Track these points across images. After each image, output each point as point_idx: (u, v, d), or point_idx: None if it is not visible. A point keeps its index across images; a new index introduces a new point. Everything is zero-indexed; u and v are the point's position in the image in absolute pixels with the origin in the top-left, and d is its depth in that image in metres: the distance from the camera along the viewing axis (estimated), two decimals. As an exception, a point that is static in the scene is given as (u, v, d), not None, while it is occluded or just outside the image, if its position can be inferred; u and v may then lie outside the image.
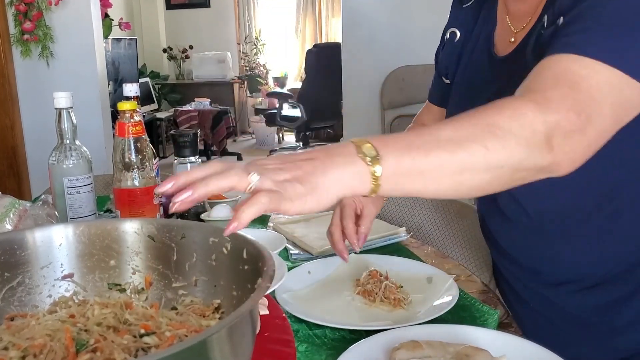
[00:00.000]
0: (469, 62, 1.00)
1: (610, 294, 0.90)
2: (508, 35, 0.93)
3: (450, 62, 1.04)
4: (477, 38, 0.99)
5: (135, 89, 1.16)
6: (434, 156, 0.58)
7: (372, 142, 0.58)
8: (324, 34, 7.49)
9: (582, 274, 0.91)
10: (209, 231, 0.65)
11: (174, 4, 7.28)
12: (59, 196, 1.14)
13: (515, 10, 0.91)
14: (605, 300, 0.90)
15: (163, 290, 0.67)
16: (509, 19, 0.93)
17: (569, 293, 0.93)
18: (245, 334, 0.49)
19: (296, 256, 1.14)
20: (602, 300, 0.90)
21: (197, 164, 1.24)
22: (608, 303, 0.90)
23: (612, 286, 0.89)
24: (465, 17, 1.02)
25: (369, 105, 3.12)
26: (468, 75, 1.00)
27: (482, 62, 0.97)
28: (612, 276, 0.89)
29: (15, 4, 3.04)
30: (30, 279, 0.64)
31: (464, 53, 1.02)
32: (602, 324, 0.91)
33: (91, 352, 0.51)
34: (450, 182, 0.60)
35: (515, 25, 0.92)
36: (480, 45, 0.98)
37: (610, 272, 0.89)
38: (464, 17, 1.03)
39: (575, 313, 0.94)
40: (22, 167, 3.28)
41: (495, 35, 0.96)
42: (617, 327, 0.90)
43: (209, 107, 6.04)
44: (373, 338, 0.74)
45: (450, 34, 1.05)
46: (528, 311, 1.02)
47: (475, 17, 1.01)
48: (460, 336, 0.73)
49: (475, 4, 1.02)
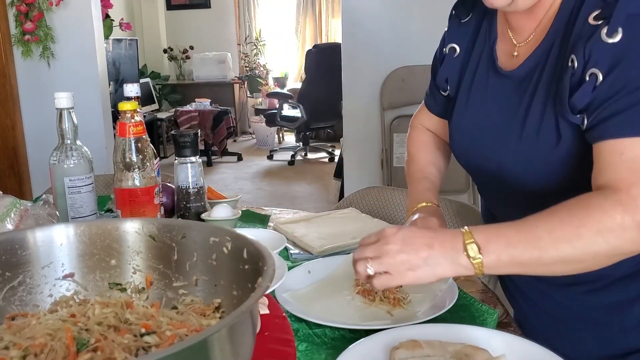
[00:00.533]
0: (474, 77, 0.99)
1: (622, 294, 0.89)
2: (511, 49, 0.93)
3: (451, 76, 1.04)
4: (479, 52, 0.99)
5: (136, 90, 1.16)
6: (528, 254, 0.70)
7: (476, 240, 0.72)
8: (324, 34, 7.49)
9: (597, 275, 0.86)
10: (209, 231, 0.65)
11: (174, 5, 7.28)
12: (60, 196, 1.14)
13: (517, 25, 0.91)
14: (615, 299, 0.89)
15: (164, 289, 0.67)
16: (510, 33, 0.93)
17: (579, 294, 0.92)
18: (246, 333, 0.49)
19: (296, 256, 1.14)
20: (612, 300, 0.90)
21: (198, 164, 1.24)
22: (618, 303, 0.89)
23: (623, 286, 0.88)
24: (465, 32, 1.02)
25: (369, 106, 3.12)
26: (475, 90, 0.99)
27: (487, 76, 0.96)
28: (625, 276, 0.88)
29: (16, 4, 3.05)
30: (31, 279, 0.65)
31: (467, 67, 1.01)
32: (612, 324, 0.90)
33: (92, 352, 0.51)
34: (544, 270, 0.73)
35: (518, 38, 0.92)
36: (484, 59, 0.98)
37: (624, 272, 0.87)
38: (463, 32, 1.03)
39: (585, 313, 0.93)
40: (23, 167, 3.28)
41: (496, 49, 0.96)
42: (627, 327, 0.89)
43: (209, 108, 6.04)
44: (373, 337, 0.74)
45: (450, 49, 1.04)
46: (534, 310, 1.01)
47: (475, 31, 1.01)
48: (460, 335, 0.73)
49: (474, 18, 1.02)
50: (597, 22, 0.76)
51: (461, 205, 1.44)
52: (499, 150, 0.90)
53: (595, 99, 0.75)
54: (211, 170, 5.75)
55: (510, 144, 0.88)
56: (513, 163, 0.88)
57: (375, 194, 1.58)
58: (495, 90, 0.94)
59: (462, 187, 3.05)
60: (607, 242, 0.69)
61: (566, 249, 0.70)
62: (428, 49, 1.10)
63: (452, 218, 1.43)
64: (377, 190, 1.59)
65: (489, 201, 1.07)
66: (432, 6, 2.91)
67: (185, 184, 1.23)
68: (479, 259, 0.71)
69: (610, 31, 0.73)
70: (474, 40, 1.01)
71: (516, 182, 0.89)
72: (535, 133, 0.84)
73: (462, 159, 1.02)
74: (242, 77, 7.25)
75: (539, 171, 0.85)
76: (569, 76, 0.78)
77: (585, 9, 0.79)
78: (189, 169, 1.23)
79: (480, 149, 0.95)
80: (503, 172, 0.91)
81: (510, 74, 0.91)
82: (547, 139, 0.83)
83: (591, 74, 0.75)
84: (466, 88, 1.00)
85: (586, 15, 0.78)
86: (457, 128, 1.02)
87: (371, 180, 3.14)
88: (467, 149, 1.00)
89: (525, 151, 0.86)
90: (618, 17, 0.73)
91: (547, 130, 0.83)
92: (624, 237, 0.69)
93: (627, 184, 0.70)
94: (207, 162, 5.92)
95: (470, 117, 0.99)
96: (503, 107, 0.91)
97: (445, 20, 1.07)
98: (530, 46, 0.89)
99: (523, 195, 0.90)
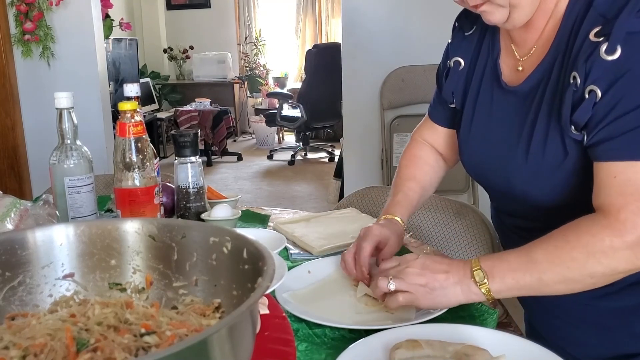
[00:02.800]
0: (479, 92, 0.99)
1: (633, 298, 0.87)
2: (515, 63, 0.93)
3: (457, 90, 1.03)
4: (483, 66, 0.99)
5: (136, 89, 1.16)
6: (529, 277, 0.77)
7: (482, 266, 0.79)
8: (324, 34, 7.49)
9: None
10: (209, 231, 0.65)
11: (174, 5, 7.28)
12: (59, 196, 1.14)
13: (519, 38, 0.91)
14: (626, 304, 0.88)
15: (163, 289, 0.67)
16: (513, 46, 0.93)
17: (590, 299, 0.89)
18: (246, 333, 0.49)
19: (296, 256, 1.14)
20: (623, 304, 0.88)
21: (198, 164, 1.24)
22: (629, 307, 0.88)
23: (635, 290, 0.87)
24: (469, 45, 1.02)
25: (369, 106, 3.12)
26: (480, 104, 0.98)
27: (493, 91, 0.96)
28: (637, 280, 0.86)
29: (16, 4, 3.05)
30: (31, 279, 0.65)
31: (471, 81, 1.01)
32: (622, 327, 0.89)
33: (92, 352, 0.51)
34: (549, 290, 0.78)
35: (520, 52, 0.92)
36: (488, 73, 0.97)
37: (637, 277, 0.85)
38: (467, 45, 1.02)
39: (595, 317, 0.92)
40: (23, 167, 3.28)
41: (500, 63, 0.96)
42: (636, 332, 0.88)
43: (209, 107, 6.04)
44: (373, 337, 0.74)
45: (455, 63, 1.03)
46: (545, 314, 1.01)
47: (479, 45, 1.00)
48: (460, 335, 0.73)
49: (477, 31, 1.01)
50: (597, 38, 0.76)
51: (461, 205, 1.44)
52: (506, 165, 0.91)
53: (594, 116, 0.76)
54: (211, 170, 5.75)
55: (517, 160, 0.88)
56: (520, 178, 0.88)
57: (375, 194, 1.58)
58: (500, 105, 0.94)
59: (462, 187, 3.05)
60: (600, 263, 0.73)
61: (562, 271, 0.75)
62: (428, 49, 1.11)
63: (452, 218, 1.43)
64: (377, 190, 1.59)
65: (499, 209, 1.07)
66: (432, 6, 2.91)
67: (185, 184, 1.23)
68: (485, 284, 0.78)
69: (609, 49, 0.74)
70: (478, 54, 1.00)
71: (524, 196, 0.89)
72: (541, 149, 0.84)
73: (471, 172, 1.03)
74: (242, 77, 7.25)
75: (546, 186, 0.85)
76: (571, 93, 0.79)
77: (586, 24, 0.79)
78: (189, 169, 1.23)
79: (489, 163, 0.96)
80: (511, 186, 0.91)
81: (515, 90, 0.91)
82: (554, 155, 0.83)
83: (590, 91, 0.76)
84: (471, 102, 1.00)
85: (587, 31, 0.78)
86: (464, 142, 1.02)
87: (371, 180, 3.14)
88: (475, 162, 1.00)
89: (532, 167, 0.86)
90: (617, 35, 0.74)
91: (553, 146, 0.83)
92: (616, 257, 0.73)
93: (616, 208, 0.73)
94: (207, 162, 5.92)
95: (476, 131, 0.99)
96: (509, 123, 0.91)
97: (445, 21, 1.07)
98: (534, 60, 0.89)
99: (530, 208, 0.90)
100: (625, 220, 0.72)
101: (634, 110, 0.73)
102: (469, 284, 0.79)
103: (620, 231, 0.72)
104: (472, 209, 1.42)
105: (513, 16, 0.83)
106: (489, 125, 0.96)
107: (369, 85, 3.10)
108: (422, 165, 1.14)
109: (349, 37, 3.10)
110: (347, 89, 3.17)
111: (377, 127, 3.13)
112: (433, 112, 1.15)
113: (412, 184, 1.10)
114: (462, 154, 1.03)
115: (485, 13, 0.85)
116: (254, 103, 7.48)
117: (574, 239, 0.75)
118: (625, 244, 0.72)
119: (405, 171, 1.14)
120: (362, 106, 3.14)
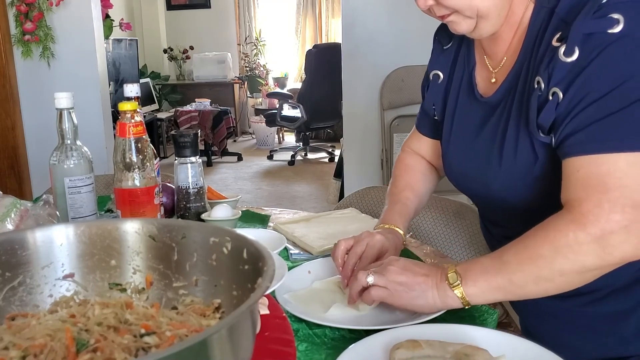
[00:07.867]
0: (457, 104, 1.02)
1: (622, 303, 0.88)
2: (488, 75, 0.96)
3: (437, 102, 1.07)
4: (459, 79, 1.02)
5: (136, 90, 1.16)
6: (500, 277, 0.77)
7: (457, 270, 0.80)
8: (324, 35, 7.49)
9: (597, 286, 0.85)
10: (209, 231, 0.65)
11: (174, 5, 7.28)
12: (60, 196, 1.14)
13: (490, 50, 0.95)
14: (615, 309, 0.89)
15: (164, 290, 0.67)
16: (487, 59, 0.97)
17: (579, 306, 0.91)
18: (246, 334, 0.49)
19: (296, 256, 1.14)
20: (612, 310, 0.89)
21: (198, 164, 1.24)
22: (618, 312, 0.89)
23: (623, 296, 0.88)
24: (447, 58, 1.05)
25: (369, 106, 3.12)
26: (458, 117, 1.02)
27: (469, 103, 0.99)
28: (625, 285, 0.87)
29: (16, 4, 3.05)
30: (31, 279, 0.65)
31: (450, 94, 1.04)
32: (612, 333, 0.90)
33: (92, 352, 0.51)
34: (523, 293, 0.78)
35: (492, 64, 0.95)
36: (464, 86, 1.01)
37: (625, 282, 0.87)
38: (445, 59, 1.06)
39: (585, 323, 0.92)
40: (23, 167, 3.28)
41: (475, 75, 0.99)
42: (625, 336, 0.89)
43: (209, 108, 6.04)
44: (373, 337, 0.74)
45: (434, 76, 1.07)
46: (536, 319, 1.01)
47: (455, 58, 1.04)
48: (460, 335, 0.73)
49: (455, 45, 1.04)
50: (558, 43, 0.79)
51: (461, 205, 1.45)
52: (484, 173, 0.93)
53: (558, 117, 0.78)
54: (211, 170, 5.75)
55: (493, 167, 0.91)
56: (497, 185, 0.91)
57: (375, 194, 1.58)
58: (475, 116, 0.97)
59: (462, 187, 3.05)
60: (567, 258, 0.73)
61: (532, 269, 0.75)
62: (428, 49, 1.11)
63: (451, 218, 1.43)
64: (377, 190, 1.59)
65: (484, 217, 1.10)
66: (432, 6, 2.90)
67: (185, 184, 1.23)
68: (459, 286, 0.78)
69: (567, 51, 0.76)
70: (455, 67, 1.03)
71: (503, 202, 0.92)
72: (512, 156, 0.87)
73: (454, 181, 1.05)
74: (242, 77, 7.25)
75: (521, 191, 0.88)
76: (536, 97, 0.81)
77: (550, 30, 0.82)
78: (189, 169, 1.23)
79: (468, 173, 0.99)
80: (490, 194, 0.94)
81: (488, 100, 0.94)
82: (525, 160, 0.85)
83: (553, 93, 0.78)
84: (450, 114, 1.03)
85: (550, 38, 0.81)
86: (445, 153, 1.05)
87: (371, 180, 3.14)
88: (457, 173, 1.03)
89: (506, 173, 0.88)
90: (574, 37, 0.76)
91: (524, 152, 0.85)
92: (582, 251, 0.72)
93: (579, 201, 0.74)
94: (207, 162, 5.92)
95: (455, 142, 1.02)
96: (484, 133, 0.94)
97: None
98: (504, 71, 0.92)
99: (510, 214, 0.93)
100: (588, 213, 0.72)
101: (592, 105, 0.74)
102: (445, 288, 0.79)
103: (584, 224, 0.72)
104: (472, 209, 1.42)
105: (480, 26, 0.86)
106: (467, 136, 0.98)
107: (369, 85, 3.10)
108: (415, 173, 1.16)
109: (349, 37, 3.10)
110: (347, 89, 3.17)
111: (377, 127, 3.13)
112: (420, 124, 1.18)
113: (409, 193, 1.12)
114: (444, 165, 1.06)
115: (451, 23, 0.88)
116: (254, 103, 7.48)
117: (541, 237, 0.75)
118: (590, 236, 0.71)
119: (401, 180, 1.15)
120: (362, 106, 3.14)
